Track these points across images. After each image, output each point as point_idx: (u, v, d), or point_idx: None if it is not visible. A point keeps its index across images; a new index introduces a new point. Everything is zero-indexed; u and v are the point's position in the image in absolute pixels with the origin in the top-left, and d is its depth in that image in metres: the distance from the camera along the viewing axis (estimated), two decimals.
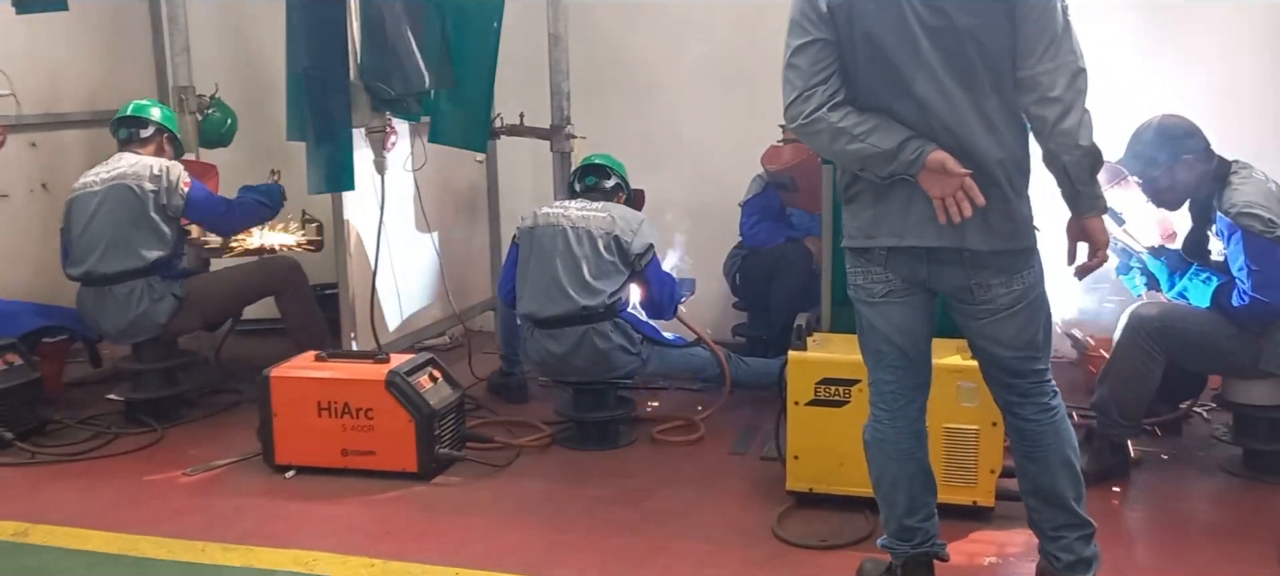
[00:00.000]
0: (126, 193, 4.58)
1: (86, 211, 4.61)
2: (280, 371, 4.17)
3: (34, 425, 4.57)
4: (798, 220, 5.30)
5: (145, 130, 4.82)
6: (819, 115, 2.69)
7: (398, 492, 3.96)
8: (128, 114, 4.86)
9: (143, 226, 4.59)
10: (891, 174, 2.68)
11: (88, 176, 4.71)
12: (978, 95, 2.62)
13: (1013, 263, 2.73)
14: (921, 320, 2.89)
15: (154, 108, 4.91)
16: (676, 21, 5.83)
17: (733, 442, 4.42)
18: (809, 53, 2.71)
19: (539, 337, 4.40)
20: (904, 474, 2.94)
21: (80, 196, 4.66)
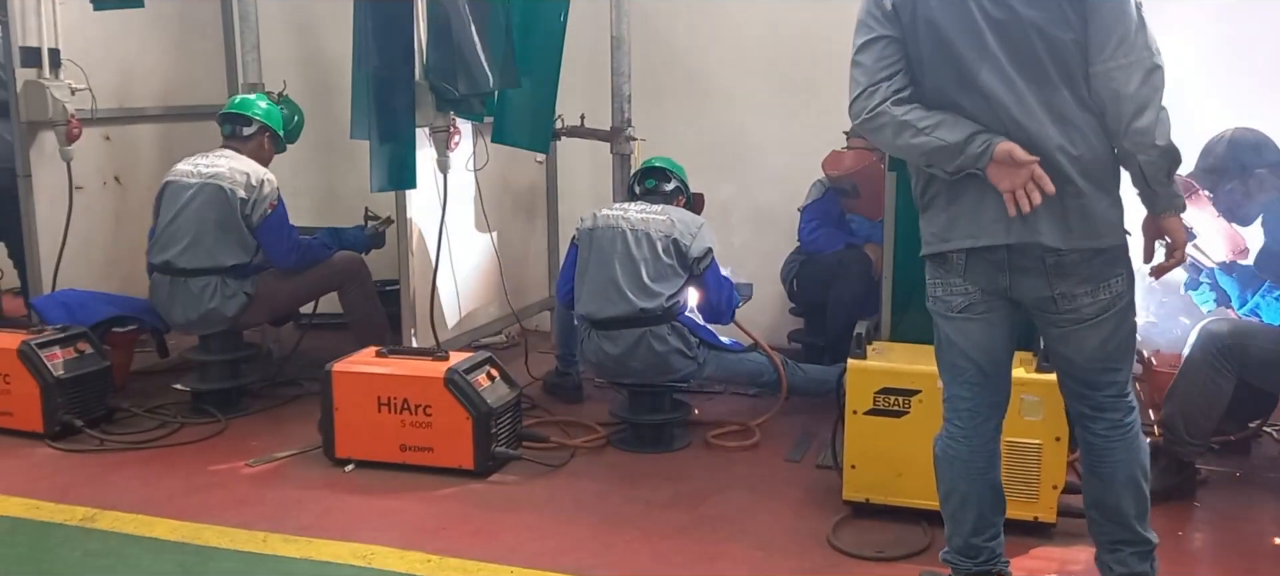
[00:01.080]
0: (219, 194, 4.67)
1: (177, 202, 4.72)
2: (342, 366, 4.23)
3: (102, 413, 4.69)
4: (857, 226, 5.26)
5: (248, 127, 4.92)
6: (882, 109, 2.68)
7: (454, 489, 4.00)
8: (232, 109, 4.96)
9: (228, 230, 4.69)
10: (959, 169, 2.65)
11: (186, 165, 4.81)
12: (1046, 88, 2.58)
13: (1098, 268, 2.65)
14: (1000, 337, 2.83)
15: (260, 101, 5.01)
16: (739, 25, 5.81)
17: (788, 449, 4.39)
18: (873, 49, 2.70)
19: (596, 338, 4.41)
20: (975, 493, 2.91)
21: (174, 184, 4.77)
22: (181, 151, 5.18)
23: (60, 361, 4.55)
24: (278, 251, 4.80)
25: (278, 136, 5.03)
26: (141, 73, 5.77)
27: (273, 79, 5.41)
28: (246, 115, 4.93)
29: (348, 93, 4.60)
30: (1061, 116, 2.59)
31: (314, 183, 6.24)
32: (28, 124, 5.07)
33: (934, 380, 3.45)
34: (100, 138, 5.49)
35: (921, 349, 3.72)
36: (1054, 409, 3.40)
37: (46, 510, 3.82)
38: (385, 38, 4.33)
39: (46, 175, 5.16)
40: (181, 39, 5.99)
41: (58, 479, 4.12)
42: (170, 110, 5.94)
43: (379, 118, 4.40)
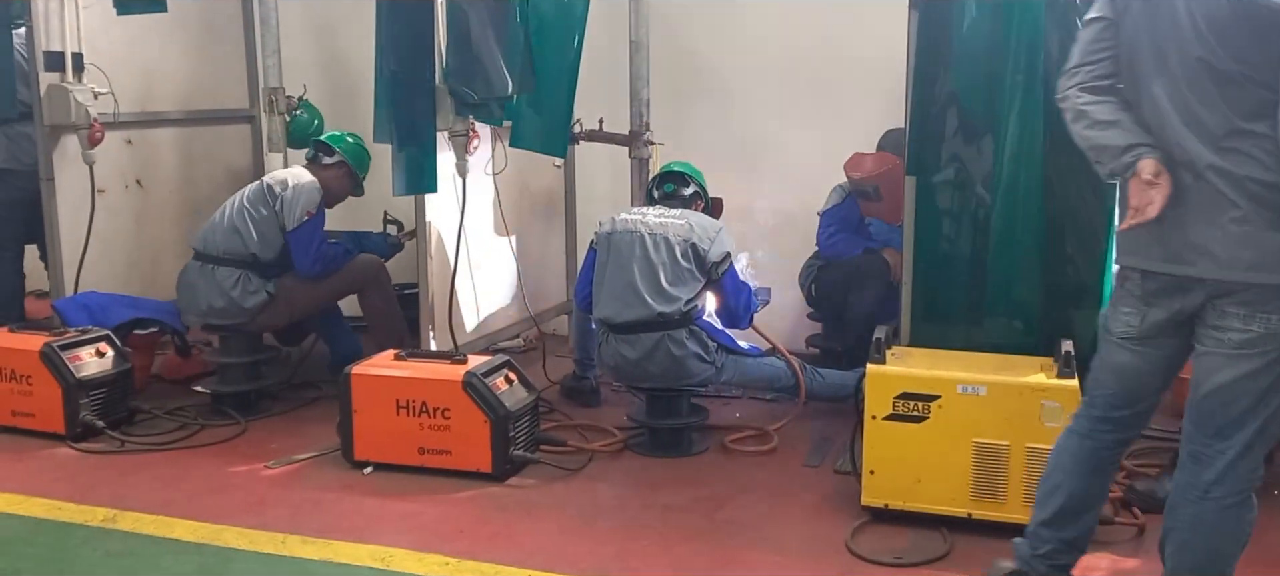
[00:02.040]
0: (261, 193, 4.82)
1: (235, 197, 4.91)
2: (361, 369, 4.25)
3: (123, 414, 4.72)
4: (876, 231, 5.24)
5: (329, 157, 5.02)
6: (1069, 92, 2.73)
7: (472, 492, 4.01)
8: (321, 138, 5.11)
9: (262, 228, 4.78)
10: (1110, 173, 2.67)
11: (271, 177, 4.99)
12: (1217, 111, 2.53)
13: (1261, 296, 2.54)
14: (1149, 375, 2.80)
15: (348, 138, 5.12)
16: (758, 29, 5.80)
17: (806, 454, 4.38)
18: (1093, 29, 2.74)
19: (614, 342, 4.41)
20: (1068, 488, 2.91)
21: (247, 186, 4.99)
22: (203, 154, 5.23)
23: (82, 363, 4.58)
24: (304, 258, 4.85)
25: (357, 179, 5.12)
26: (163, 76, 5.81)
27: (293, 82, 5.43)
28: (330, 145, 5.03)
29: (368, 96, 4.62)
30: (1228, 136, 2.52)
31: None
32: (51, 127, 5.10)
33: (954, 386, 3.47)
34: (122, 141, 5.52)
35: (941, 354, 3.74)
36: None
37: (68, 510, 3.85)
38: (406, 42, 4.35)
39: (69, 178, 5.20)
40: (203, 43, 6.02)
41: (79, 479, 4.15)
42: (191, 114, 5.97)
43: (399, 122, 4.42)
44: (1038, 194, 3.69)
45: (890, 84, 5.08)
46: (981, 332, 3.84)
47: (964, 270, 3.86)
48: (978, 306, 3.85)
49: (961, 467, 3.50)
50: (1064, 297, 3.84)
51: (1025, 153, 3.66)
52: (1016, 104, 3.65)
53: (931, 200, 3.85)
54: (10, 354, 4.60)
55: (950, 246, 3.86)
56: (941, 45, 3.71)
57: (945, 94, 3.76)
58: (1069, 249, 3.83)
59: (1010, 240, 3.74)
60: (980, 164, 3.76)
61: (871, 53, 5.34)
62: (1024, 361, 3.61)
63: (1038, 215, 3.72)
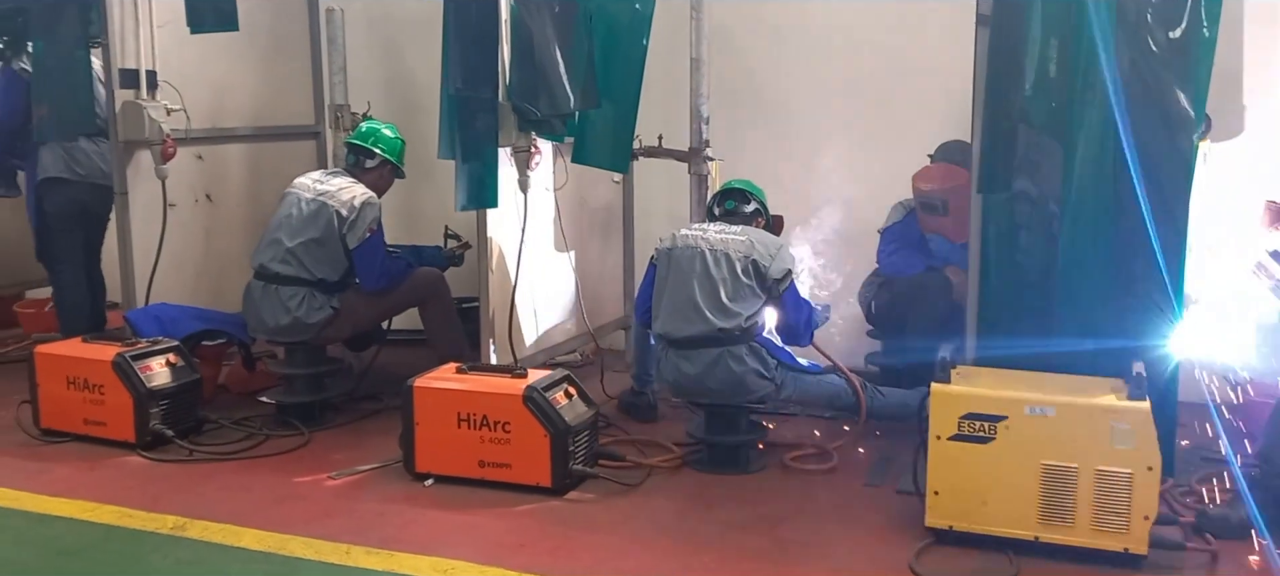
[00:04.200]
0: (324, 212, 4.85)
1: (288, 211, 4.91)
2: (423, 382, 4.29)
3: (192, 424, 4.81)
4: (937, 248, 5.18)
5: (371, 160, 5.08)
6: None
7: (532, 506, 4.02)
8: (358, 139, 5.12)
9: (325, 247, 4.85)
10: None
11: (307, 178, 5.03)
12: None
13: None
14: None
15: (385, 129, 5.15)
16: (818, 47, 5.79)
17: (867, 474, 4.34)
18: None
19: (673, 358, 4.41)
20: None
21: (292, 195, 4.96)
22: (270, 170, 5.32)
23: (152, 373, 4.68)
24: (369, 274, 4.92)
25: (398, 169, 5.18)
26: (233, 93, 5.94)
27: (358, 99, 5.53)
28: (369, 148, 5.07)
29: (429, 112, 4.69)
30: None
31: (395, 200, 6.28)
32: (125, 143, 5.24)
33: (1021, 407, 3.42)
34: (193, 156, 5.65)
35: (1007, 375, 3.68)
36: (1146, 437, 3.32)
37: (138, 518, 3.93)
38: (471, 59, 4.40)
39: (142, 192, 5.33)
40: (271, 60, 6.16)
41: (149, 487, 4.24)
42: (260, 130, 6.10)
43: (463, 138, 4.47)
44: (1108, 212, 3.63)
45: (951, 100, 5.06)
46: (1050, 353, 3.77)
47: (1033, 289, 3.81)
48: (1047, 326, 3.80)
49: (1029, 490, 3.44)
50: (1135, 318, 3.76)
51: (1096, 170, 3.60)
52: (1086, 121, 3.60)
53: (999, 217, 3.81)
54: (84, 364, 4.71)
55: (1019, 264, 3.81)
56: (1011, 63, 3.67)
57: (1014, 111, 3.72)
58: (1140, 268, 3.76)
59: (1080, 259, 3.68)
60: (1049, 182, 3.71)
61: (932, 69, 5.31)
62: (1094, 382, 3.55)
63: (1108, 234, 3.66)
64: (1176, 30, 3.52)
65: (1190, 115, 3.55)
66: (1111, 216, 3.63)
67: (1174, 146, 3.57)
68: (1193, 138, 3.59)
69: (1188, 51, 3.53)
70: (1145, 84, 3.58)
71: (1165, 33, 3.54)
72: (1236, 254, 4.03)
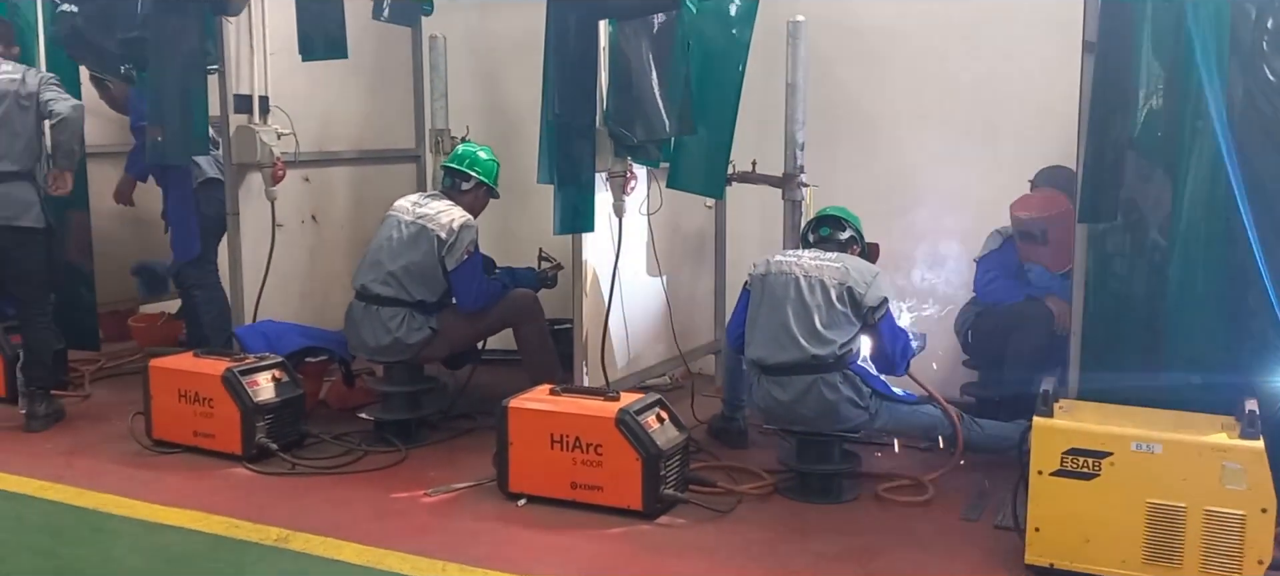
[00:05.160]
0: (423, 235, 4.97)
1: (389, 234, 5.04)
2: (518, 402, 4.36)
3: (295, 438, 4.96)
4: (1036, 277, 5.08)
5: (466, 183, 5.20)
6: None
7: (623, 529, 4.04)
8: (454, 163, 5.25)
9: (425, 270, 4.96)
10: None
11: (407, 201, 5.15)
12: None
13: None
14: None
15: (481, 152, 5.27)
16: (915, 72, 5.73)
17: (964, 507, 4.26)
18: None
19: (765, 384, 4.40)
20: None
21: (392, 217, 5.10)
22: (372, 193, 5.46)
23: (258, 388, 4.83)
24: (466, 295, 5.02)
25: (493, 190, 5.29)
26: (339, 118, 6.13)
27: (458, 125, 5.65)
28: (465, 171, 5.18)
29: (526, 138, 4.77)
30: None
31: (492, 223, 6.41)
32: (238, 165, 5.44)
33: (1127, 443, 3.33)
34: (300, 179, 5.85)
35: (1112, 409, 3.59)
36: (1259, 478, 3.20)
37: (244, 529, 4.06)
38: (571, 85, 4.46)
39: (252, 213, 5.53)
40: (376, 86, 6.34)
41: (254, 499, 4.38)
42: (364, 154, 6.28)
43: (561, 163, 4.53)
44: (1220, 243, 3.53)
45: (1051, 126, 4.96)
46: (1157, 387, 3.67)
47: (1139, 320, 3.71)
48: (1153, 359, 3.69)
49: (1134, 529, 3.34)
50: (1247, 352, 3.64)
51: (1207, 200, 3.50)
52: (1196, 150, 3.50)
53: (1104, 246, 3.73)
54: (195, 377, 4.90)
55: (1124, 295, 3.72)
56: (1117, 90, 3.59)
57: (1121, 139, 3.64)
58: (1253, 302, 3.63)
59: (1190, 290, 3.57)
60: (1157, 210, 3.62)
61: (1031, 95, 5.22)
62: (1203, 419, 3.44)
63: (1219, 265, 3.55)
64: None
65: None
66: (1223, 247, 3.52)
67: None
68: None
69: None
70: (1261, 113, 3.48)
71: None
72: None
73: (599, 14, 4.47)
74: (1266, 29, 3.45)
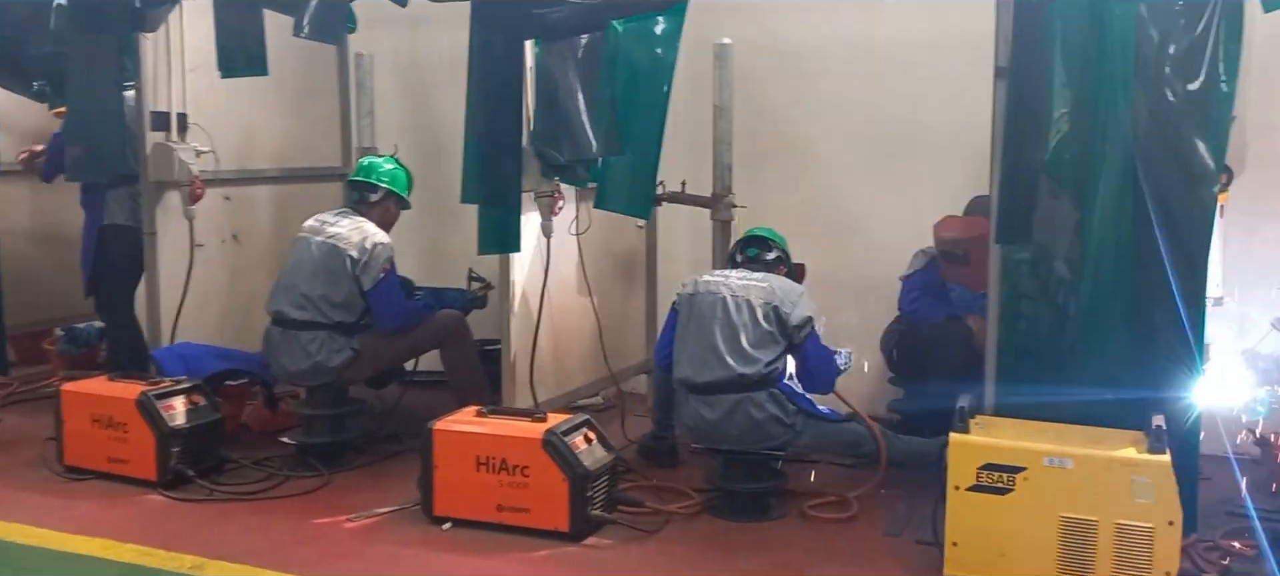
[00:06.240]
0: (335, 254, 4.89)
1: (299, 256, 4.97)
2: (443, 424, 4.31)
3: (213, 463, 4.84)
4: (958, 297, 5.17)
5: (374, 194, 5.13)
6: None
7: (549, 551, 4.02)
8: (359, 176, 5.17)
9: (338, 290, 4.88)
10: None
11: (315, 221, 5.07)
12: None
13: None
14: None
15: (386, 164, 5.21)
16: (840, 96, 5.83)
17: (887, 523, 4.31)
18: None
19: (693, 403, 4.41)
20: None
21: (301, 238, 5.03)
22: (296, 211, 5.37)
23: (175, 412, 4.72)
24: (384, 315, 4.95)
25: (403, 200, 5.21)
26: (262, 136, 6.03)
27: (386, 143, 5.60)
28: (372, 183, 5.11)
29: (456, 157, 4.73)
30: None
31: (420, 243, 6.42)
32: (155, 184, 5.33)
33: (1040, 458, 3.40)
34: (221, 197, 5.74)
35: (1026, 425, 3.66)
36: (1167, 491, 3.29)
37: (157, 557, 3.95)
38: (496, 104, 4.45)
39: (170, 233, 5.41)
40: (300, 104, 6.25)
41: (169, 526, 4.26)
42: (287, 172, 6.18)
43: (487, 183, 4.51)
44: (1128, 264, 3.63)
45: (973, 150, 5.05)
46: (1069, 403, 3.75)
47: (1052, 338, 3.79)
48: (1066, 376, 3.78)
49: (1048, 542, 3.41)
50: (1155, 369, 3.74)
51: (1115, 220, 3.60)
52: (1105, 173, 3.60)
53: (1018, 268, 3.80)
54: (108, 401, 4.77)
55: (1037, 315, 3.80)
56: (1028, 115, 3.68)
57: (1033, 162, 3.72)
58: (1160, 319, 3.73)
59: (1099, 309, 3.67)
60: (1068, 233, 3.71)
61: (953, 119, 5.33)
62: (1114, 435, 3.52)
63: (1128, 284, 3.65)
64: (1195, 83, 3.53)
65: (1210, 167, 3.54)
66: (1131, 267, 3.62)
67: (1194, 197, 3.56)
68: (1213, 189, 3.58)
69: (1207, 104, 3.53)
70: (1165, 136, 3.59)
71: (1184, 85, 3.54)
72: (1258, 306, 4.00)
73: (525, 33, 4.47)
74: (1169, 54, 3.57)
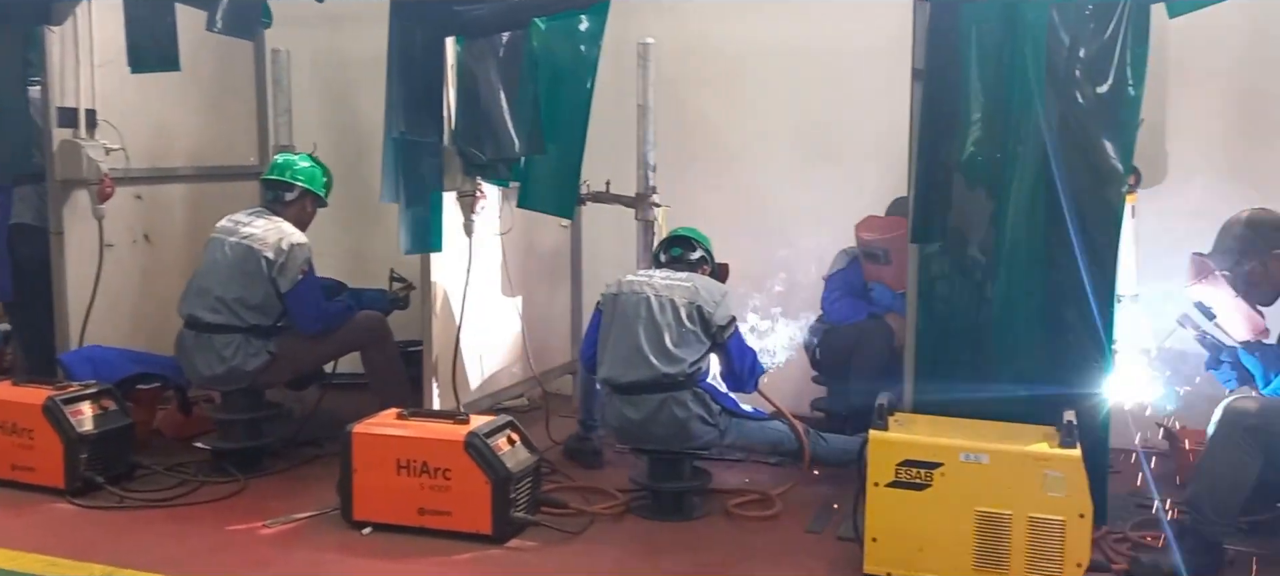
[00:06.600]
0: (249, 256, 4.76)
1: (212, 257, 4.83)
2: (362, 428, 4.24)
3: (124, 470, 4.70)
4: (879, 296, 5.25)
5: (289, 193, 5.00)
6: None
7: (471, 554, 3.97)
8: (274, 174, 5.04)
9: (254, 292, 4.76)
10: None
11: (228, 222, 4.91)
12: None
13: None
14: None
15: (301, 162, 5.08)
16: (764, 96, 5.87)
17: (810, 520, 4.34)
18: None
19: (617, 403, 4.41)
20: None
21: (214, 238, 4.88)
22: (211, 211, 5.24)
23: (83, 417, 4.56)
24: (303, 318, 4.85)
25: (320, 198, 5.11)
26: (175, 133, 5.87)
27: (303, 141, 5.49)
28: (287, 182, 5.00)
29: (378, 155, 4.67)
30: None
31: (342, 243, 6.30)
32: (62, 182, 5.15)
33: (956, 454, 3.46)
34: (132, 197, 5.57)
35: (943, 421, 3.72)
36: (1077, 485, 3.37)
37: (64, 567, 3.82)
38: (415, 102, 4.39)
39: (78, 233, 5.24)
40: (215, 101, 6.10)
41: (78, 535, 4.13)
42: (202, 170, 6.03)
43: (407, 181, 4.45)
44: (1040, 264, 3.71)
45: (895, 152, 5.11)
46: (985, 400, 3.82)
47: (968, 336, 3.87)
48: (981, 374, 3.85)
49: (964, 536, 3.47)
50: (1066, 367, 3.83)
51: (1027, 220, 3.68)
52: (1018, 173, 3.68)
53: (934, 267, 3.87)
54: (12, 407, 4.60)
55: (953, 313, 3.87)
56: (944, 116, 3.75)
57: (948, 162, 3.79)
58: (1071, 317, 3.83)
59: (1012, 309, 3.75)
60: (983, 233, 3.78)
61: (876, 121, 5.39)
62: (1027, 430, 3.60)
63: (1040, 285, 3.73)
64: (1104, 86, 3.62)
65: (1118, 168, 3.65)
66: (1043, 266, 3.71)
67: (1103, 198, 3.66)
68: (1121, 189, 3.68)
69: (1115, 106, 3.63)
70: (1074, 137, 3.68)
71: (1093, 88, 3.64)
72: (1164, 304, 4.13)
73: (445, 30, 4.41)
74: (1079, 57, 3.66)
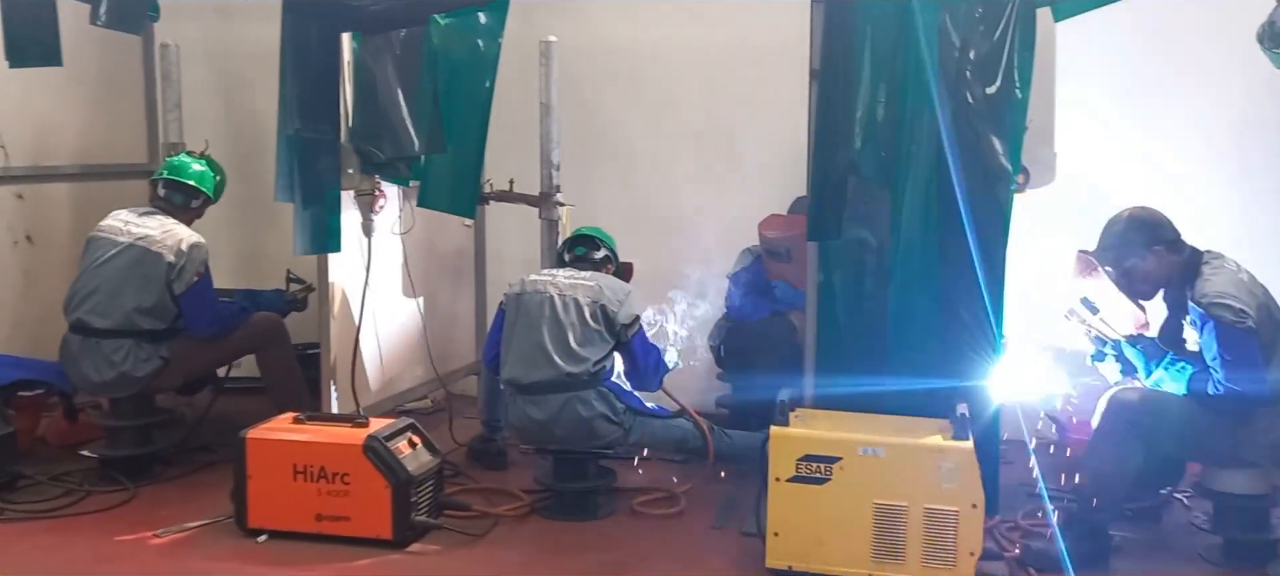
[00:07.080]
0: (146, 257, 4.59)
1: (100, 258, 4.62)
2: (257, 433, 4.13)
3: (5, 480, 4.50)
4: (782, 293, 5.31)
5: (196, 200, 4.86)
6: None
7: (371, 560, 3.90)
8: (169, 175, 4.86)
9: (149, 295, 4.60)
10: None
11: (115, 221, 4.72)
12: None
13: None
14: None
15: (195, 165, 4.92)
16: (668, 94, 5.89)
17: (714, 516, 4.37)
18: None
19: (521, 404, 4.38)
20: None
21: (99, 239, 4.67)
22: (98, 211, 5.04)
23: None
24: (198, 321, 4.70)
25: (209, 196, 4.96)
26: (58, 130, 5.66)
27: (195, 138, 5.33)
28: (184, 182, 4.84)
29: (272, 153, 4.55)
30: None
31: (236, 243, 6.14)
32: None
33: (855, 447, 3.52)
34: (12, 196, 5.34)
35: (842, 416, 3.79)
36: (970, 476, 3.46)
37: None
38: (311, 101, 4.31)
39: None
40: (101, 97, 5.88)
41: None
42: (88, 169, 5.81)
43: (302, 180, 4.36)
44: (934, 262, 3.80)
45: (796, 151, 5.19)
46: (883, 394, 3.90)
47: (865, 333, 3.94)
48: (878, 368, 3.93)
49: (863, 528, 3.53)
50: (959, 361, 3.93)
51: (921, 219, 3.77)
52: (911, 172, 3.76)
53: (833, 264, 3.93)
54: None
55: (851, 310, 3.94)
56: (839, 115, 3.81)
57: (843, 161, 3.86)
58: (964, 315, 3.93)
59: (908, 304, 3.83)
60: (879, 231, 3.86)
61: (778, 120, 5.46)
62: (923, 423, 3.68)
63: (934, 280, 3.82)
64: (992, 87, 3.73)
65: (1006, 167, 3.76)
66: (937, 263, 3.80)
67: (992, 196, 3.77)
68: (1009, 188, 3.79)
69: (1003, 107, 3.74)
70: (965, 137, 3.78)
71: (982, 89, 3.74)
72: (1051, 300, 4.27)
73: (341, 26, 4.33)
74: (969, 59, 3.76)
